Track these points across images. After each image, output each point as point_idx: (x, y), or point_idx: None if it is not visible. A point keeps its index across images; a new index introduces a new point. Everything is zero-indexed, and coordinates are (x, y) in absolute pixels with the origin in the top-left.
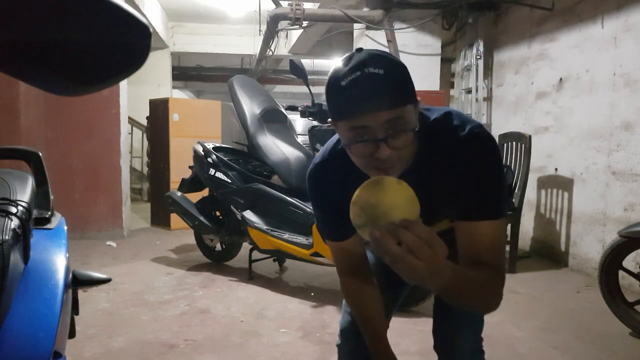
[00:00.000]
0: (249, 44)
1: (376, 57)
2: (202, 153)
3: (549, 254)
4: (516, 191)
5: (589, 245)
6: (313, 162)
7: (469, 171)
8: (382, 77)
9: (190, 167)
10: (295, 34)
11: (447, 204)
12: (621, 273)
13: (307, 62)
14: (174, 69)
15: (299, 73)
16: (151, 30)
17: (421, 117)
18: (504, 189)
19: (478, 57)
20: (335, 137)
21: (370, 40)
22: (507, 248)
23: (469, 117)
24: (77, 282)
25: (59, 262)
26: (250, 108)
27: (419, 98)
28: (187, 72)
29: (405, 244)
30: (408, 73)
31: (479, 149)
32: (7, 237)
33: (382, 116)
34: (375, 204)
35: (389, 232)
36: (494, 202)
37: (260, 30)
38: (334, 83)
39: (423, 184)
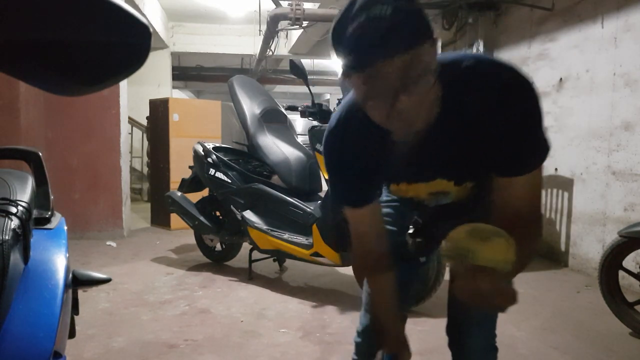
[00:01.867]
0: (249, 44)
1: None
2: (202, 153)
3: (549, 253)
4: None
5: (589, 245)
6: (328, 127)
7: (510, 122)
8: (390, 16)
9: (190, 167)
10: (295, 34)
11: (477, 160)
12: (621, 273)
13: (307, 62)
14: (174, 69)
15: (299, 73)
16: (151, 30)
17: (444, 63)
18: (546, 133)
19: None
20: (349, 96)
21: None
22: None
23: (499, 60)
24: (77, 282)
25: (59, 262)
26: (250, 108)
27: (435, 36)
28: (187, 72)
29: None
30: (421, 6)
31: (519, 96)
32: (7, 237)
33: (396, 62)
34: (473, 253)
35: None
36: (540, 153)
37: (260, 30)
38: (339, 32)
39: (451, 139)
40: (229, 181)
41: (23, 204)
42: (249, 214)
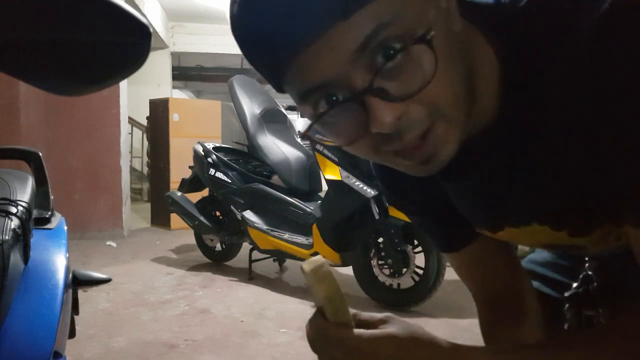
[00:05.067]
0: None
1: None
2: (202, 153)
3: None
4: None
5: None
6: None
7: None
8: None
9: (190, 167)
10: None
11: (572, 191)
12: None
13: None
14: (174, 69)
15: None
16: (151, 30)
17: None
18: None
19: None
20: None
21: None
22: None
23: None
24: (77, 282)
25: (59, 262)
26: (250, 108)
27: None
28: (187, 72)
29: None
30: None
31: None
32: (7, 237)
33: (342, 39)
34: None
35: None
36: None
37: None
38: (231, 20)
39: (523, 155)
40: (229, 181)
41: (23, 204)
42: (249, 214)
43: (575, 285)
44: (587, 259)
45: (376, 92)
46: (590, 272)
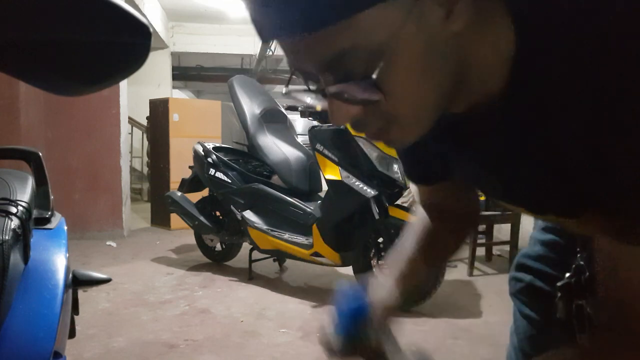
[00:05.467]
0: (249, 44)
1: None
2: (202, 153)
3: None
4: None
5: None
6: None
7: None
8: None
9: (190, 167)
10: None
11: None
12: None
13: None
14: (174, 69)
15: None
16: (151, 30)
17: None
18: None
19: None
20: None
21: None
22: (507, 248)
23: None
24: (77, 282)
25: (59, 262)
26: (250, 108)
27: None
28: (187, 72)
29: None
30: None
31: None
32: (7, 237)
33: (312, 49)
34: None
35: None
36: None
37: None
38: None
39: (522, 136)
40: (229, 181)
41: (23, 204)
42: (249, 214)
43: (567, 275)
44: (578, 249)
45: (334, 94)
46: (582, 263)
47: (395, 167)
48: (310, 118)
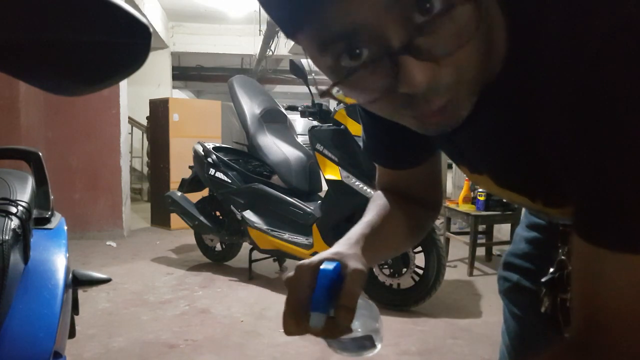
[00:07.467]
0: (249, 44)
1: None
2: (202, 153)
3: None
4: None
5: None
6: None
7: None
8: None
9: (190, 167)
10: None
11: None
12: None
13: (307, 62)
14: (174, 69)
15: (299, 73)
16: (151, 30)
17: None
18: None
19: None
20: None
21: None
22: (507, 248)
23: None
24: (77, 282)
25: (59, 262)
26: (250, 108)
27: None
28: (187, 72)
29: None
30: None
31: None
32: (7, 237)
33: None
34: None
35: None
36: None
37: (260, 30)
38: None
39: (509, 119)
40: (229, 181)
41: (23, 204)
42: (249, 214)
43: (551, 270)
44: (559, 244)
45: (413, 51)
46: (564, 257)
47: None
48: (310, 118)
